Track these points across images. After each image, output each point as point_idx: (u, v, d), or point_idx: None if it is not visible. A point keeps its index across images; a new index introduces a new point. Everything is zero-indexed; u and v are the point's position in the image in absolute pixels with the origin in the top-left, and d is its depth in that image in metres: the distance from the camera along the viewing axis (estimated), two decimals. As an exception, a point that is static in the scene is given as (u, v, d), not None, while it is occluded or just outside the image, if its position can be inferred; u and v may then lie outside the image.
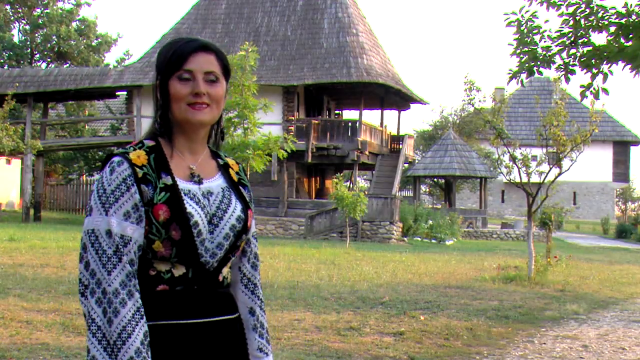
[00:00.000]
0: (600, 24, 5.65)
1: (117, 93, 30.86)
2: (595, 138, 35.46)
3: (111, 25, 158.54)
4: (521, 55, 6.01)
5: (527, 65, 5.96)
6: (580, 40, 5.73)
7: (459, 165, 30.87)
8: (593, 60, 5.67)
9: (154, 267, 1.89)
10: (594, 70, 5.71)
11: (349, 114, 35.76)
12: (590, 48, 5.70)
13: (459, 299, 10.24)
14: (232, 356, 1.99)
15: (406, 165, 33.30)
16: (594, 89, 5.77)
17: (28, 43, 38.85)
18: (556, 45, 5.86)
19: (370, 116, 67.49)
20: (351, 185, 25.82)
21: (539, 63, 5.92)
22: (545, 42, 5.97)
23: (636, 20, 5.54)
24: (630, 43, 5.46)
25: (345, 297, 9.77)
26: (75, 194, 33.67)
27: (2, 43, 37.47)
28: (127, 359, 1.77)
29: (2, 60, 37.94)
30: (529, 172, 13.65)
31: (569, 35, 5.76)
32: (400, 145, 30.60)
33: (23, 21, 39.77)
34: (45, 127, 29.38)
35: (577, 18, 5.70)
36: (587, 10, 5.67)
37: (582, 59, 5.73)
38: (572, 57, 5.83)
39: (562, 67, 5.91)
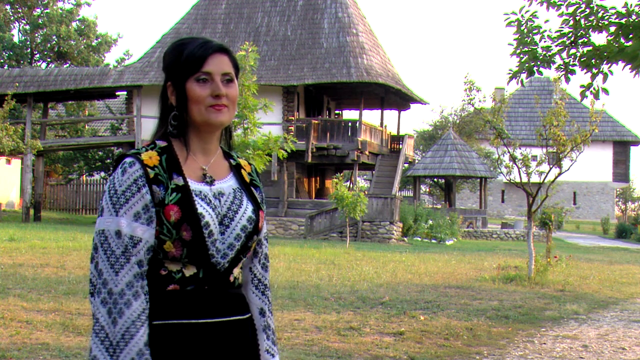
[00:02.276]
0: (600, 24, 5.65)
1: (117, 93, 30.88)
2: (595, 138, 35.50)
3: (111, 25, 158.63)
4: (521, 55, 6.01)
5: (527, 65, 5.95)
6: (580, 40, 5.73)
7: (459, 165, 30.87)
8: (593, 60, 5.67)
9: (165, 267, 1.90)
10: (594, 70, 5.70)
11: (349, 114, 35.81)
12: (590, 48, 5.70)
13: (459, 299, 10.24)
14: (242, 356, 1.99)
15: (406, 165, 33.30)
16: (594, 89, 5.76)
17: (28, 43, 38.84)
18: (556, 45, 5.86)
19: (370, 116, 67.55)
20: (351, 185, 25.81)
21: (539, 63, 5.92)
22: (545, 42, 5.97)
23: (636, 20, 5.54)
24: (630, 43, 5.45)
25: (345, 297, 9.77)
26: (75, 194, 33.69)
27: (2, 43, 37.46)
28: None
29: (2, 60, 37.93)
30: (529, 172, 13.65)
31: (569, 35, 5.75)
32: (400, 145, 30.60)
33: (23, 21, 39.77)
34: (45, 127, 29.38)
35: (577, 18, 5.70)
36: (587, 10, 5.67)
37: (582, 59, 5.73)
38: (572, 57, 5.82)
39: (562, 67, 5.91)
